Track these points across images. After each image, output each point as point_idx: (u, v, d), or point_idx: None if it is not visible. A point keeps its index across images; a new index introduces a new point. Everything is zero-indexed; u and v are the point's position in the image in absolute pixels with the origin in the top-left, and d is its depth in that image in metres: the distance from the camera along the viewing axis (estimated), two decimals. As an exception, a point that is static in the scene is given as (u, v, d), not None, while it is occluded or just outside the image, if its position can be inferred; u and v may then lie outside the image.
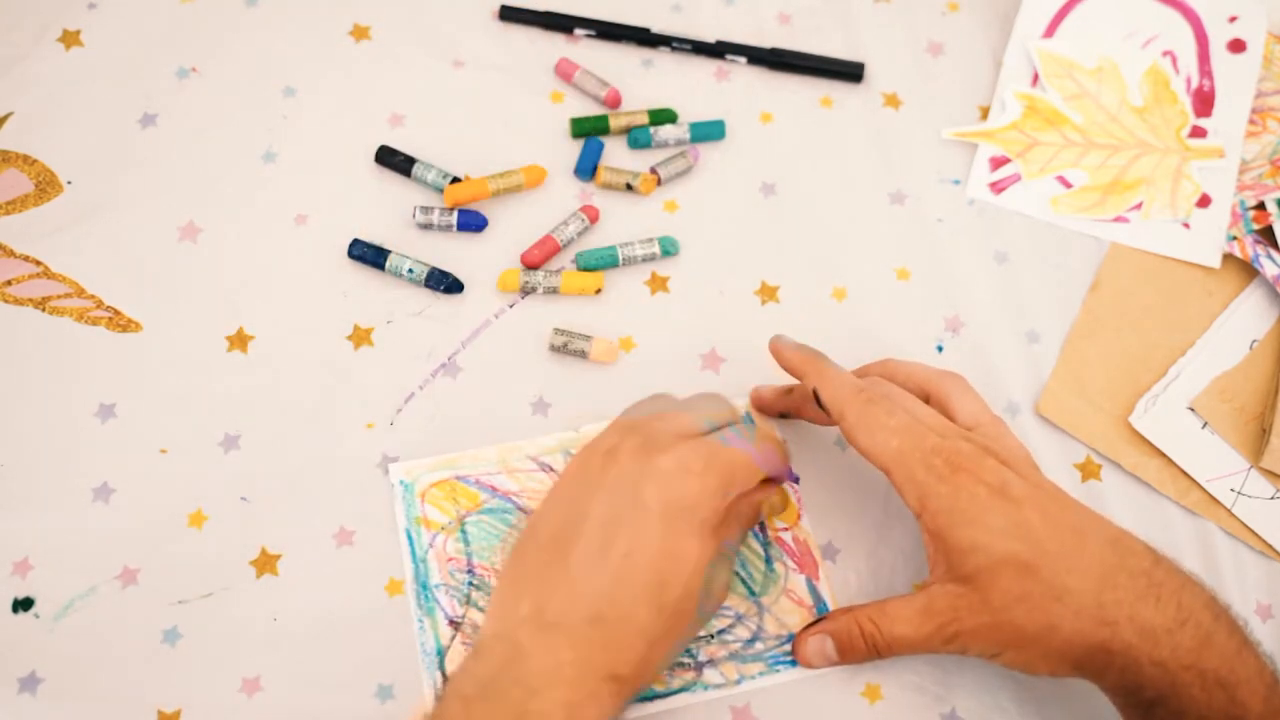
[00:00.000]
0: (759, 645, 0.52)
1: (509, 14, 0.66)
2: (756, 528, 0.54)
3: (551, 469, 0.55)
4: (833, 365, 0.51)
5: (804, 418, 0.55)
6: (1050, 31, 0.68)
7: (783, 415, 0.56)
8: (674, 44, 0.66)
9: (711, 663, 0.51)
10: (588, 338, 0.58)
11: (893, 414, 0.47)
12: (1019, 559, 0.44)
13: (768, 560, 0.53)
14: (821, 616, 0.51)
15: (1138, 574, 0.44)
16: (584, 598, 0.43)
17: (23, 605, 0.51)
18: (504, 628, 0.43)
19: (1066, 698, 0.52)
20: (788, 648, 0.52)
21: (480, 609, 0.51)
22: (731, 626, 0.52)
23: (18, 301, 0.58)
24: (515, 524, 0.52)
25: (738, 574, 0.53)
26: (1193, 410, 0.59)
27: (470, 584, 0.52)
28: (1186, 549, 0.56)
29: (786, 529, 0.54)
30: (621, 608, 0.43)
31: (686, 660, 0.51)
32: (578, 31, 0.66)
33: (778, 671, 0.51)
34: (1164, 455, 0.57)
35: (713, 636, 0.51)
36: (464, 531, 0.53)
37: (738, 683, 0.51)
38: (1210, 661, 0.43)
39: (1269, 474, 0.57)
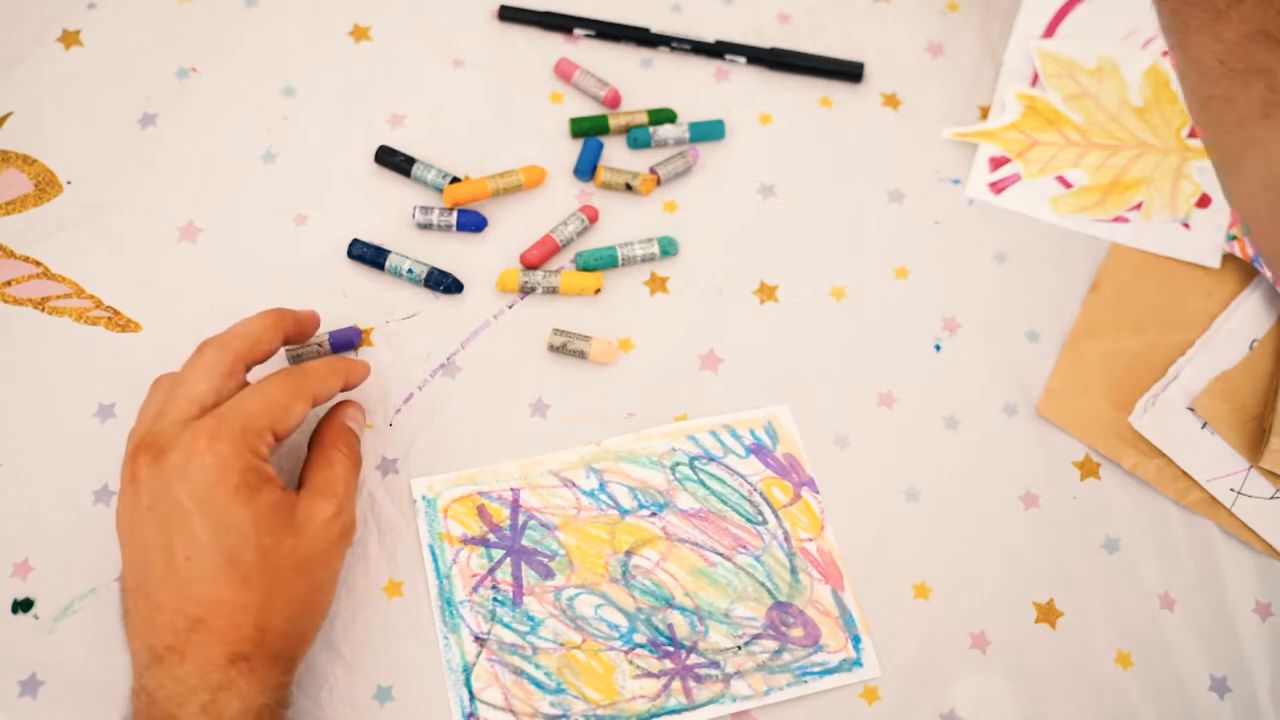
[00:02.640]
0: (786, 656, 0.51)
1: (509, 14, 0.66)
2: (781, 537, 0.54)
3: (574, 484, 0.54)
4: None
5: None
6: (1050, 31, 0.68)
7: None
8: (673, 44, 0.66)
9: (739, 674, 0.51)
10: (587, 338, 0.58)
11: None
12: None
13: (793, 570, 0.53)
14: None
15: None
16: (178, 615, 0.44)
17: (23, 606, 0.51)
18: (137, 684, 0.45)
19: (1068, 696, 0.52)
20: (816, 658, 0.51)
21: (506, 624, 0.51)
22: (758, 637, 0.52)
23: (17, 302, 0.58)
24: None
25: (763, 585, 0.53)
26: (1192, 410, 0.59)
27: (495, 600, 0.52)
28: (1186, 549, 0.56)
29: (811, 539, 0.54)
30: (208, 603, 0.44)
31: (714, 672, 0.51)
32: (577, 31, 0.66)
33: (805, 682, 0.51)
34: (1164, 455, 0.57)
35: (740, 648, 0.51)
36: (488, 548, 0.53)
37: (766, 694, 0.51)
38: None
39: (1269, 474, 0.57)
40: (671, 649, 0.51)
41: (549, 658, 0.50)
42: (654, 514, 0.54)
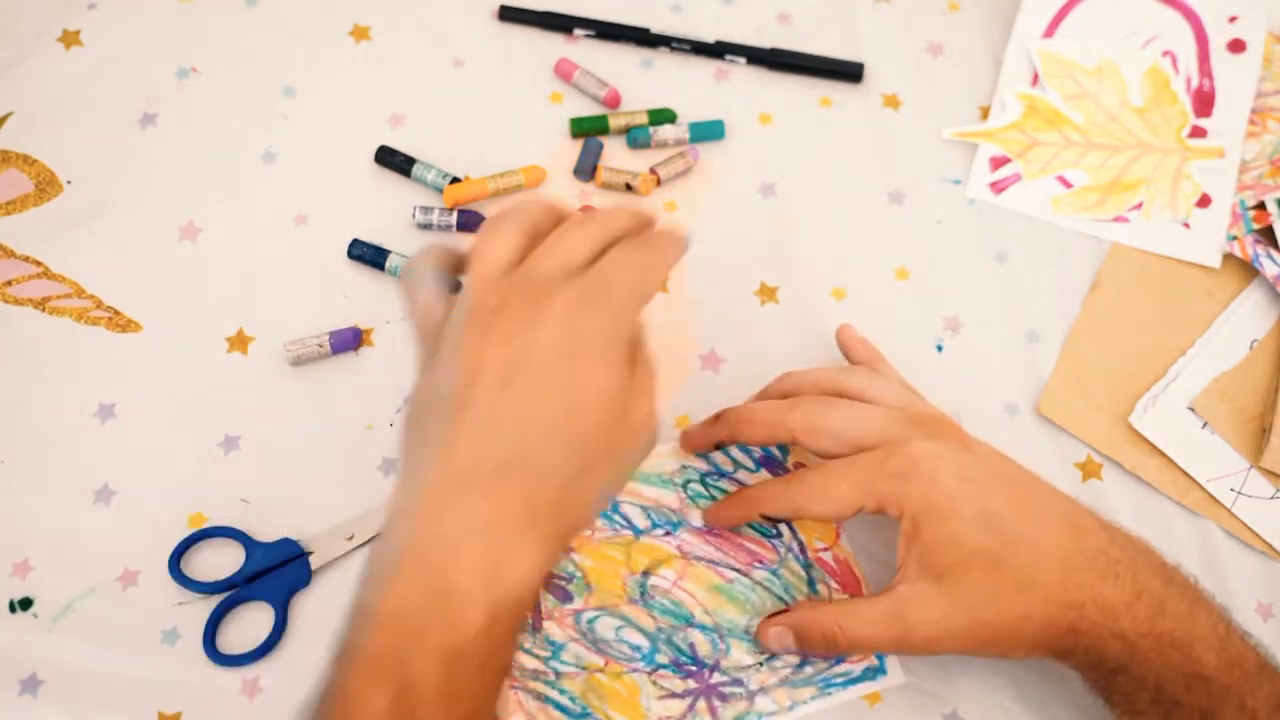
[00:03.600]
0: (809, 670, 0.51)
1: (508, 14, 0.66)
2: (796, 549, 0.54)
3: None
4: (761, 485, 0.52)
5: (739, 441, 0.53)
6: (1050, 31, 0.68)
7: (717, 447, 0.55)
8: (673, 44, 0.66)
9: (763, 690, 0.51)
10: (588, 338, 0.58)
11: (827, 469, 0.48)
12: (989, 553, 0.45)
13: (810, 582, 0.53)
14: (787, 607, 0.50)
15: (1095, 554, 0.46)
16: (489, 445, 0.39)
17: (22, 606, 0.51)
18: (410, 497, 0.39)
19: (1069, 696, 0.52)
20: (839, 669, 0.51)
21: (527, 650, 0.51)
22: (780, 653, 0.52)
23: (17, 302, 0.57)
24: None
25: (781, 598, 0.53)
26: (1193, 410, 0.59)
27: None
28: (1187, 549, 0.56)
29: (826, 549, 0.54)
30: (529, 448, 0.39)
31: (738, 690, 0.50)
32: (577, 31, 0.66)
33: (829, 695, 0.51)
34: (1164, 455, 0.57)
35: (762, 664, 0.51)
36: None
37: (790, 709, 0.50)
38: (1165, 625, 0.45)
39: (1269, 473, 0.57)
40: (694, 668, 0.51)
41: (572, 682, 0.50)
42: (668, 533, 0.54)
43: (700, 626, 0.52)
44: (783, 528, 0.54)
